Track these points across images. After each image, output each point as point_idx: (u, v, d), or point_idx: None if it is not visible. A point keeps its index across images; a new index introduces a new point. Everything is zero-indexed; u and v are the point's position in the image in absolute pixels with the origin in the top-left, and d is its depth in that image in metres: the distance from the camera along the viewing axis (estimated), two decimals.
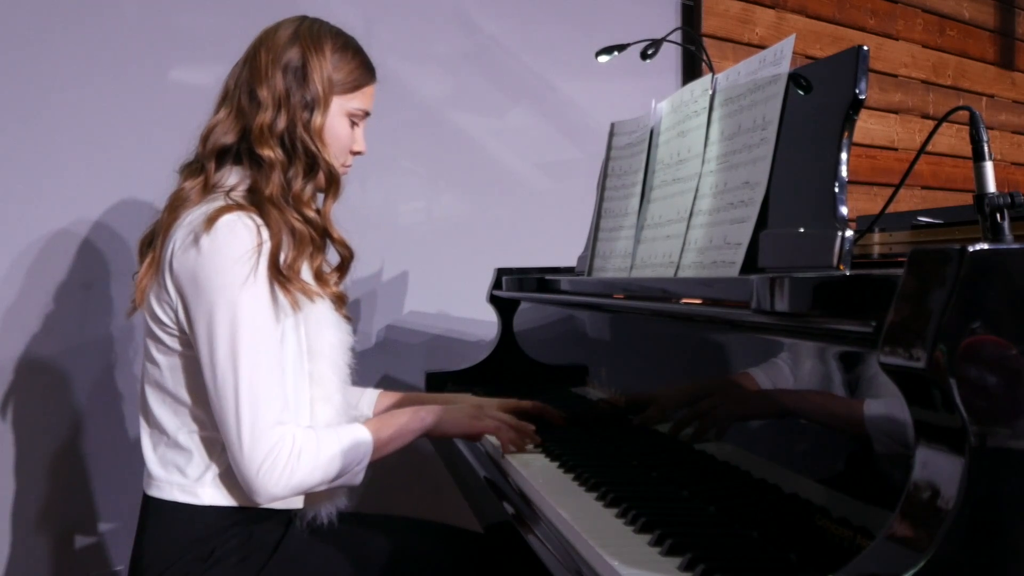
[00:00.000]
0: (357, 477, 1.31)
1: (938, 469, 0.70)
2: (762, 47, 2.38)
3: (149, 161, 2.00)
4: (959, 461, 0.68)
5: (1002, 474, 0.68)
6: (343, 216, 1.40)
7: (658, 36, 1.82)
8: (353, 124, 1.40)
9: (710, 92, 1.41)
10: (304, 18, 1.39)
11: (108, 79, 2.02)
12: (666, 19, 2.95)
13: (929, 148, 1.20)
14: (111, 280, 2.03)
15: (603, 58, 1.89)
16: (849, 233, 1.03)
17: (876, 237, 1.86)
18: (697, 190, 1.38)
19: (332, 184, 1.36)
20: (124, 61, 2.04)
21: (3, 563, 1.90)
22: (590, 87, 2.77)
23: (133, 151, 2.02)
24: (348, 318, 1.43)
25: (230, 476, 1.26)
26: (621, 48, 1.87)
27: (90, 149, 2.00)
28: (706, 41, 3.00)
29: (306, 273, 1.31)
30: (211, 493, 1.26)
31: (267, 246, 1.23)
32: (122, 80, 2.03)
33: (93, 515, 2.02)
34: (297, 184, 1.32)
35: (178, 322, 1.25)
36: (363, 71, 1.40)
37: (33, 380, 1.94)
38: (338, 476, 1.27)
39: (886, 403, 0.80)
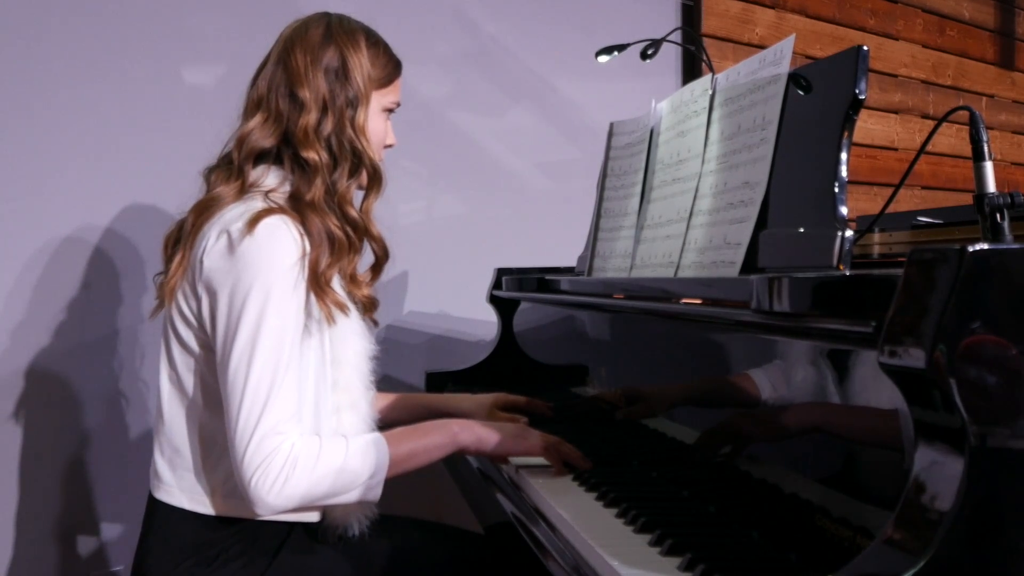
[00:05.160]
0: (372, 492, 1.24)
1: (938, 469, 0.70)
2: (762, 47, 2.38)
3: (153, 163, 2.01)
4: (959, 461, 0.68)
5: (1002, 474, 0.68)
6: None
7: (658, 36, 1.82)
8: (387, 118, 1.41)
9: (710, 92, 1.41)
10: (329, 14, 1.37)
11: (111, 81, 2.01)
12: (666, 19, 2.95)
13: (929, 148, 1.20)
14: (115, 282, 2.03)
15: (603, 58, 1.89)
16: (849, 233, 1.03)
17: (876, 237, 1.86)
18: (697, 190, 1.38)
19: (376, 181, 1.35)
20: (129, 63, 2.04)
21: (5, 563, 1.90)
22: (590, 87, 2.77)
23: (137, 153, 2.02)
24: (375, 322, 1.41)
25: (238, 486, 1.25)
26: (621, 48, 1.87)
27: (94, 151, 1.99)
28: (706, 41, 3.00)
29: (336, 281, 1.29)
30: (219, 502, 1.25)
31: (309, 257, 1.22)
32: (126, 82, 2.03)
33: (95, 515, 2.02)
34: (342, 184, 1.31)
35: (200, 320, 1.23)
36: (394, 64, 1.40)
37: (36, 382, 1.94)
38: (346, 489, 1.22)
39: (886, 403, 0.80)
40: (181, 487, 1.26)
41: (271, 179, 1.30)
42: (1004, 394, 0.69)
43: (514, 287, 1.97)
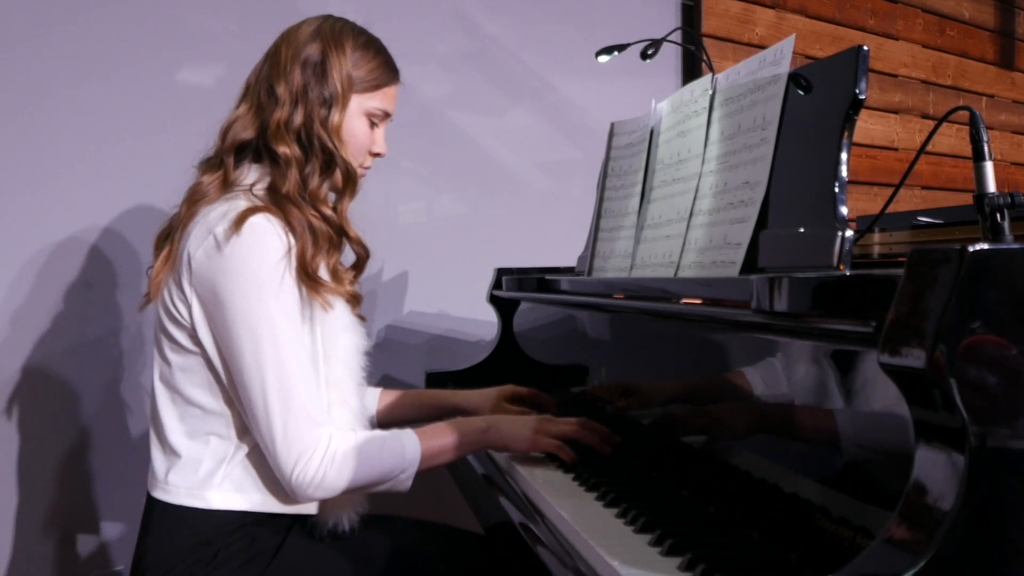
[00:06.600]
0: (403, 484, 1.28)
1: (938, 469, 0.70)
2: (762, 47, 2.38)
3: (153, 162, 2.01)
4: (959, 461, 0.68)
5: (1002, 474, 0.68)
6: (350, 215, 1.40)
7: (658, 36, 1.82)
8: (373, 125, 1.39)
9: (710, 92, 1.41)
10: (328, 16, 1.38)
11: (112, 81, 2.01)
12: (666, 19, 2.95)
13: (929, 148, 1.20)
14: (114, 280, 2.03)
15: (603, 58, 1.89)
16: (849, 233, 1.03)
17: (876, 237, 1.86)
18: (697, 190, 1.38)
19: (349, 183, 1.35)
20: (129, 63, 2.04)
21: (5, 563, 1.90)
22: (590, 87, 2.77)
23: (138, 152, 2.02)
24: (362, 318, 1.43)
25: (236, 480, 1.26)
26: (621, 48, 1.87)
27: (94, 150, 1.99)
28: (706, 41, 3.00)
29: (323, 272, 1.30)
30: (217, 497, 1.25)
31: (295, 250, 1.23)
32: (125, 80, 2.03)
33: (95, 515, 2.02)
34: (314, 182, 1.31)
35: (192, 320, 1.24)
36: (384, 71, 1.39)
37: (36, 381, 1.94)
38: (379, 482, 1.26)
39: (886, 403, 0.80)
40: (178, 485, 1.27)
41: (251, 175, 1.32)
42: (1004, 394, 0.69)
43: (514, 287, 1.97)
